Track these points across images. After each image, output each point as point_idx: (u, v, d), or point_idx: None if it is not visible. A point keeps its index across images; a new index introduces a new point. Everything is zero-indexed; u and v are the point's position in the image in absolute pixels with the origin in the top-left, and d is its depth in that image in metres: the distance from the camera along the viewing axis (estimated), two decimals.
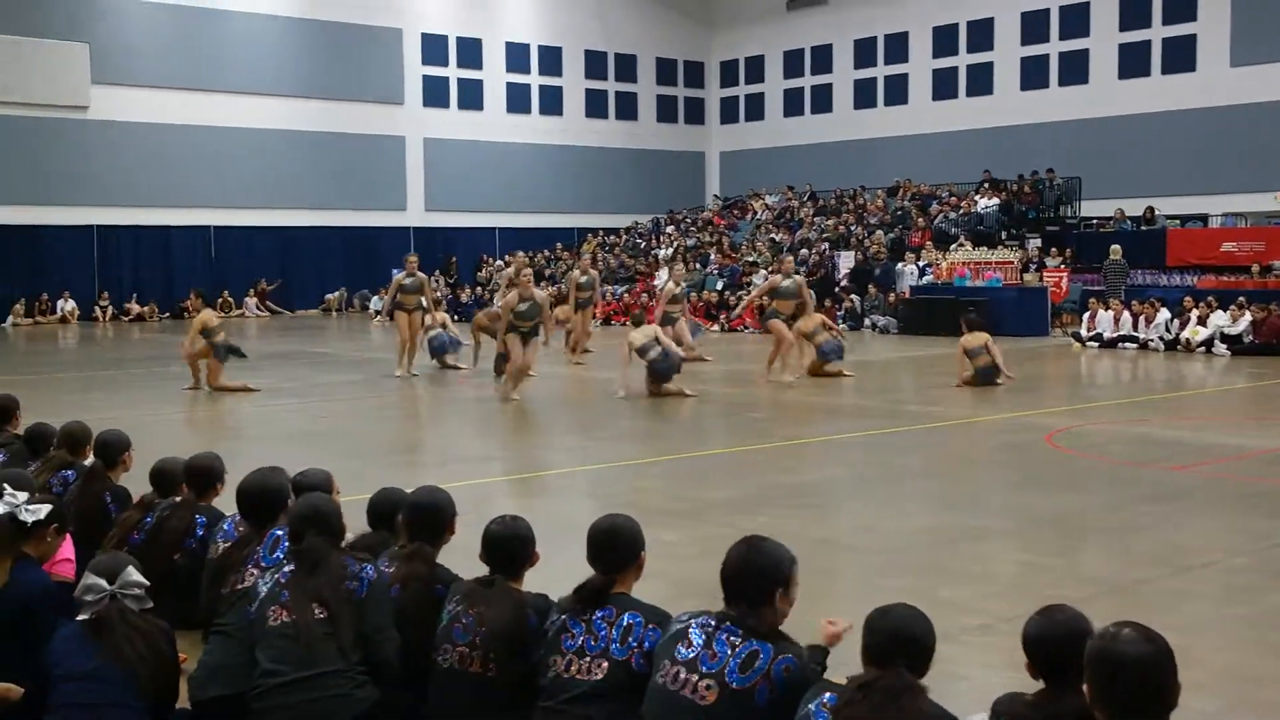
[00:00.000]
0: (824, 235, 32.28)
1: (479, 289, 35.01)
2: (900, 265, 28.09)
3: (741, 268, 30.88)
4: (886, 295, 26.77)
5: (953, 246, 28.06)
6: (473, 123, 39.90)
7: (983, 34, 36.52)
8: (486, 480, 9.71)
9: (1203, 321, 20.88)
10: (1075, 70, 34.36)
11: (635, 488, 9.36)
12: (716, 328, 27.13)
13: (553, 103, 41.95)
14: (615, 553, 3.91)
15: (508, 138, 40.42)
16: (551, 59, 41.88)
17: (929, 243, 29.01)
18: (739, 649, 3.40)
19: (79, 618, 3.89)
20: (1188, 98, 31.52)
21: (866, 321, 26.65)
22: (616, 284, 32.63)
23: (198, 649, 4.73)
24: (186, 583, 5.20)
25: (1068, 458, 10.53)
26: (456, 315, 26.15)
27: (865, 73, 39.81)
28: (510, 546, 4.15)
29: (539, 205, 40.91)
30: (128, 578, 3.96)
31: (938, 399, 14.51)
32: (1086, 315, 22.57)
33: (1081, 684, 2.77)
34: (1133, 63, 33.03)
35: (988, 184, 31.68)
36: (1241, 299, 20.85)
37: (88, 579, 3.95)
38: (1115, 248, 24.79)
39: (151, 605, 4.05)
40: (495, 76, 40.73)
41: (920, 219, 31.21)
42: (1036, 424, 12.33)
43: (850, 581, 6.43)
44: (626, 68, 43.56)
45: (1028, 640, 3.08)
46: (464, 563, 4.41)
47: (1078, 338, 22.10)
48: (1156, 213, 28.48)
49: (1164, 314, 21.55)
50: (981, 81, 36.61)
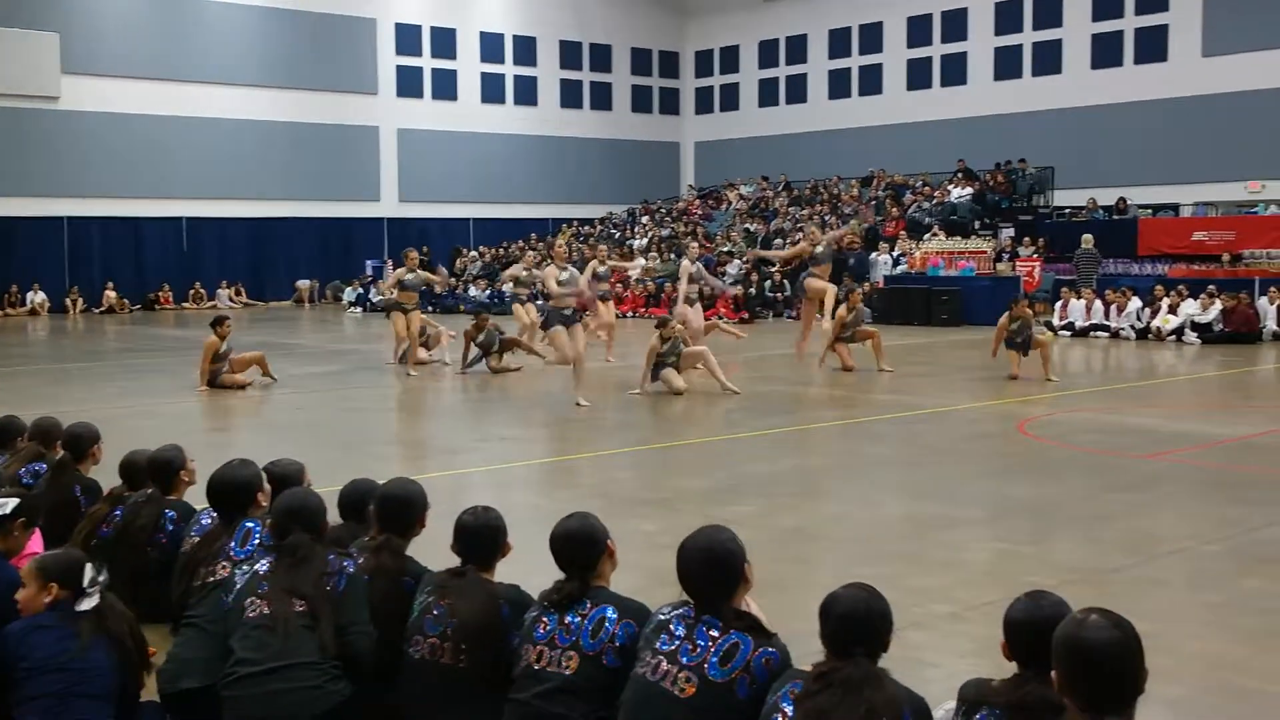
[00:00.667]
0: (798, 225, 32.32)
1: (454, 280, 34.91)
2: (874, 255, 28.17)
3: (717, 258, 30.90)
4: (861, 285, 26.82)
5: (926, 236, 28.17)
6: (447, 113, 39.76)
7: (957, 24, 36.61)
8: (460, 471, 9.68)
9: (1173, 310, 21.03)
10: (1048, 60, 34.49)
11: (610, 478, 9.36)
12: None
13: (527, 93, 41.84)
14: (578, 555, 3.90)
15: (482, 128, 40.30)
16: (526, 49, 41.76)
17: (903, 232, 29.11)
18: (720, 641, 3.40)
19: (80, 608, 3.88)
20: (1159, 88, 31.69)
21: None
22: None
23: (168, 642, 4.70)
24: (156, 576, 5.18)
25: (1040, 446, 10.59)
26: (430, 307, 26.06)
27: (840, 63, 39.85)
28: (482, 537, 4.14)
29: (513, 196, 40.81)
30: (96, 573, 3.97)
31: (911, 388, 14.56)
32: (1059, 304, 22.70)
33: (1051, 670, 2.78)
34: (1105, 53, 33.18)
35: (961, 174, 31.80)
36: (1212, 288, 21.00)
37: (87, 571, 3.94)
38: (1087, 237, 24.95)
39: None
40: (469, 66, 40.59)
41: (894, 209, 31.29)
42: (1009, 413, 12.39)
43: (823, 570, 6.44)
44: (601, 58, 43.47)
45: (1010, 624, 3.08)
46: (435, 554, 4.40)
47: (1050, 327, 22.22)
48: (1128, 202, 28.65)
49: (1135, 303, 21.69)
50: (955, 72, 36.71)
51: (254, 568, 4.22)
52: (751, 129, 42.17)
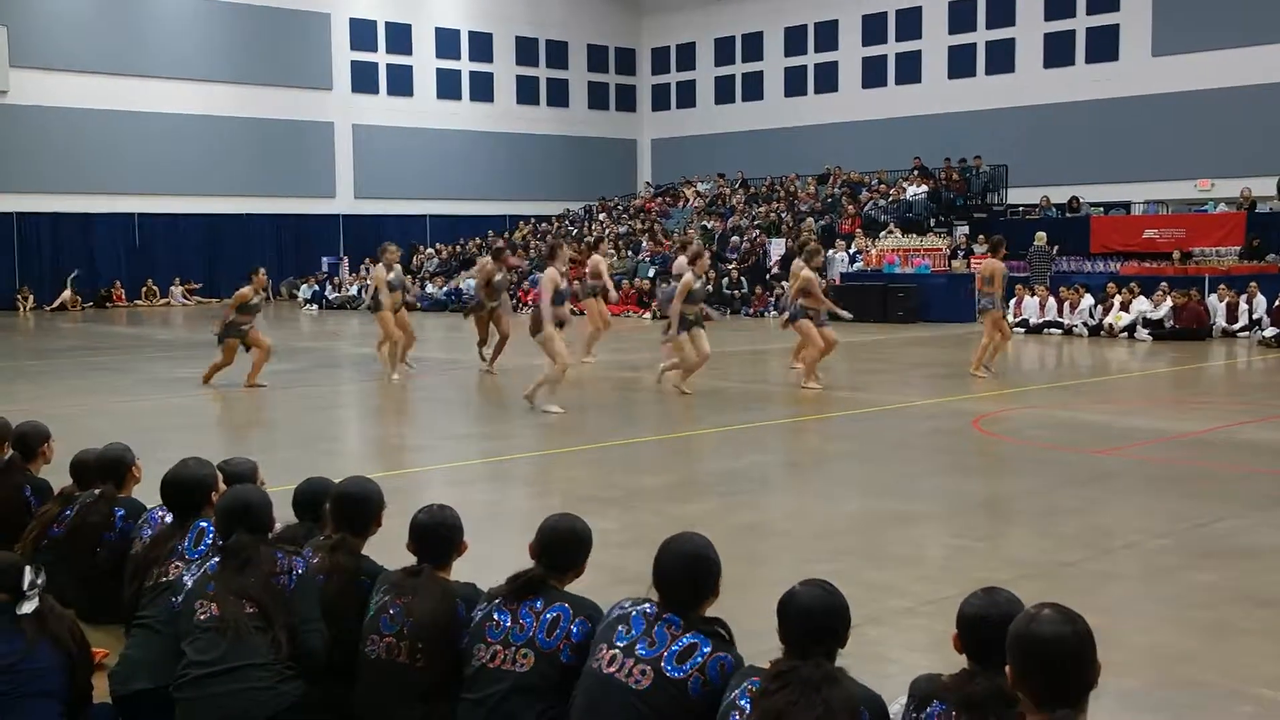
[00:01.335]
0: (755, 223, 32.41)
1: (411, 277, 34.73)
2: (831, 252, 28.26)
3: (674, 255, 30.89)
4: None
5: (882, 233, 28.32)
6: (403, 109, 39.55)
7: (911, 23, 36.83)
8: (417, 470, 9.64)
9: (1125, 307, 21.26)
10: (1001, 59, 34.78)
11: (566, 476, 9.35)
12: (648, 315, 27.13)
13: (484, 89, 41.69)
14: (566, 555, 3.91)
15: (438, 124, 40.10)
16: (482, 45, 41.60)
17: (859, 230, 29.24)
18: (679, 639, 3.41)
19: (21, 610, 3.83)
20: (1111, 87, 32.03)
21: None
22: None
23: (120, 643, 4.65)
24: (108, 575, 5.12)
25: (995, 442, 10.68)
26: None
27: (796, 60, 40.00)
28: (438, 535, 4.12)
29: (470, 192, 40.65)
30: (35, 575, 3.93)
31: (868, 384, 14.63)
32: (1013, 301, 22.88)
33: (1002, 664, 2.80)
34: (1057, 52, 33.50)
35: (917, 171, 31.99)
36: (1163, 285, 21.24)
37: (26, 574, 3.90)
38: (1040, 235, 25.18)
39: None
40: (425, 62, 40.39)
41: (850, 206, 31.43)
42: (964, 409, 12.48)
43: (780, 566, 6.46)
44: (558, 54, 43.38)
45: (964, 618, 3.10)
46: (392, 553, 4.37)
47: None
48: (1080, 200, 28.93)
49: (1088, 300, 21.92)
50: (910, 70, 36.93)
51: (204, 569, 4.18)
52: (708, 126, 42.24)
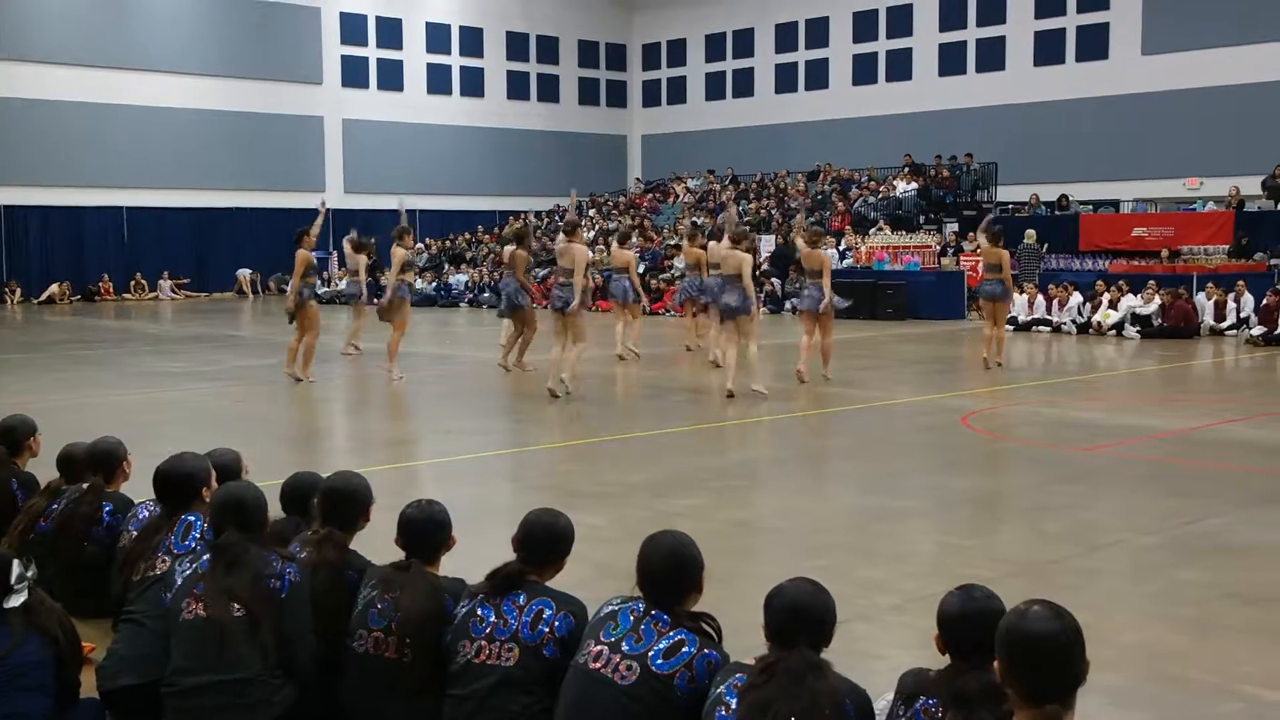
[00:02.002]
0: (745, 219, 32.41)
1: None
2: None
3: (664, 250, 30.92)
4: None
5: (872, 230, 28.34)
6: (393, 103, 39.49)
7: (902, 20, 36.86)
8: (405, 465, 9.63)
9: (1114, 305, 21.31)
10: (992, 57, 34.84)
11: (558, 471, 9.34)
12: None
13: (474, 84, 41.63)
14: (546, 550, 3.91)
15: (428, 119, 40.04)
16: (473, 40, 41.54)
17: (849, 227, 29.26)
18: (666, 635, 3.42)
19: (9, 604, 3.82)
20: (1100, 85, 32.11)
21: (787, 305, 26.81)
22: (539, 267, 32.48)
23: (107, 638, 4.63)
24: (96, 569, 5.10)
25: (983, 439, 10.69)
26: (375, 300, 25.76)
27: (786, 57, 40.01)
28: (426, 530, 4.11)
29: (460, 187, 40.59)
30: (24, 569, 3.91)
31: (857, 381, 14.64)
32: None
33: (988, 661, 2.81)
34: (1047, 50, 33.56)
35: (907, 169, 32.02)
36: (1151, 283, 21.29)
37: (15, 567, 3.88)
38: (1030, 232, 25.20)
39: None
40: (415, 57, 40.32)
41: (840, 203, 31.46)
42: (952, 406, 12.50)
43: (769, 563, 6.47)
44: (548, 50, 43.34)
45: (944, 617, 3.12)
46: (380, 548, 4.36)
47: None
48: (1070, 198, 28.98)
49: (1076, 298, 21.96)
50: (901, 67, 36.97)
51: (194, 566, 4.14)
52: (698, 122, 42.23)
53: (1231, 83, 29.61)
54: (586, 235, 34.05)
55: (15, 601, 3.84)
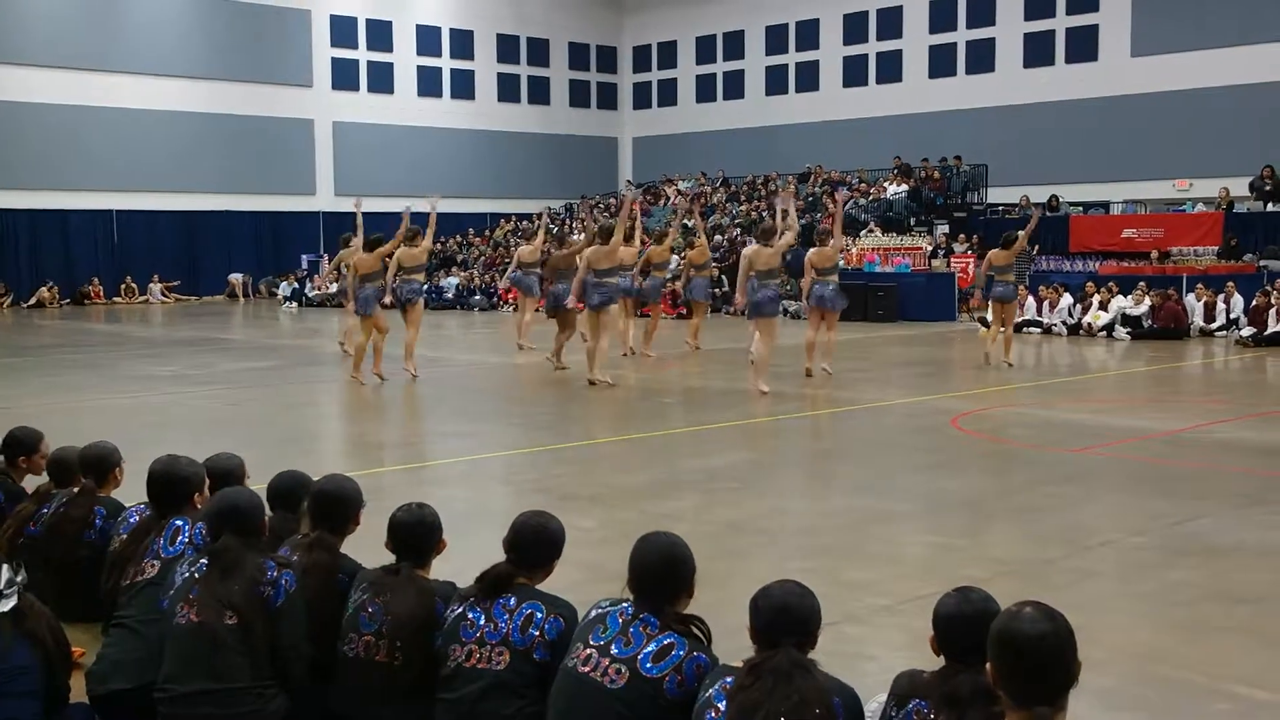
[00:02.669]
0: (736, 221, 32.44)
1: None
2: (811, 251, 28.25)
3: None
4: (798, 280, 26.94)
5: (863, 232, 28.37)
6: (383, 106, 39.44)
7: (892, 22, 36.91)
8: (396, 468, 9.61)
9: (1104, 306, 21.36)
10: (981, 59, 34.89)
11: (547, 474, 9.33)
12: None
13: (464, 86, 41.60)
14: (536, 552, 3.90)
15: (419, 122, 40.00)
16: (463, 42, 41.51)
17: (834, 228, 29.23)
18: (655, 639, 3.42)
19: (1, 609, 3.81)
20: (1090, 87, 32.17)
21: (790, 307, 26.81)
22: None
23: (97, 642, 4.61)
24: (87, 573, 5.07)
25: (974, 440, 10.70)
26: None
27: (777, 59, 40.03)
28: (416, 534, 4.10)
29: (451, 190, 40.40)
30: (14, 574, 3.90)
31: (847, 383, 14.65)
32: (992, 300, 22.90)
33: (981, 662, 2.81)
34: (1037, 52, 33.62)
35: (897, 170, 32.06)
36: (1142, 284, 21.35)
37: (4, 572, 3.87)
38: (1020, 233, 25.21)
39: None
40: (406, 59, 40.28)
41: (831, 205, 31.45)
42: (943, 407, 12.50)
43: (760, 564, 6.46)
44: (539, 52, 43.32)
45: (939, 619, 3.11)
46: (370, 552, 4.35)
47: (984, 323, 22.44)
48: (1060, 200, 29.04)
49: (1067, 299, 22.01)
50: (891, 69, 37.01)
51: (192, 570, 4.10)
52: (689, 124, 42.24)
53: (1221, 84, 29.68)
54: (578, 238, 34.12)
55: (4, 606, 3.83)
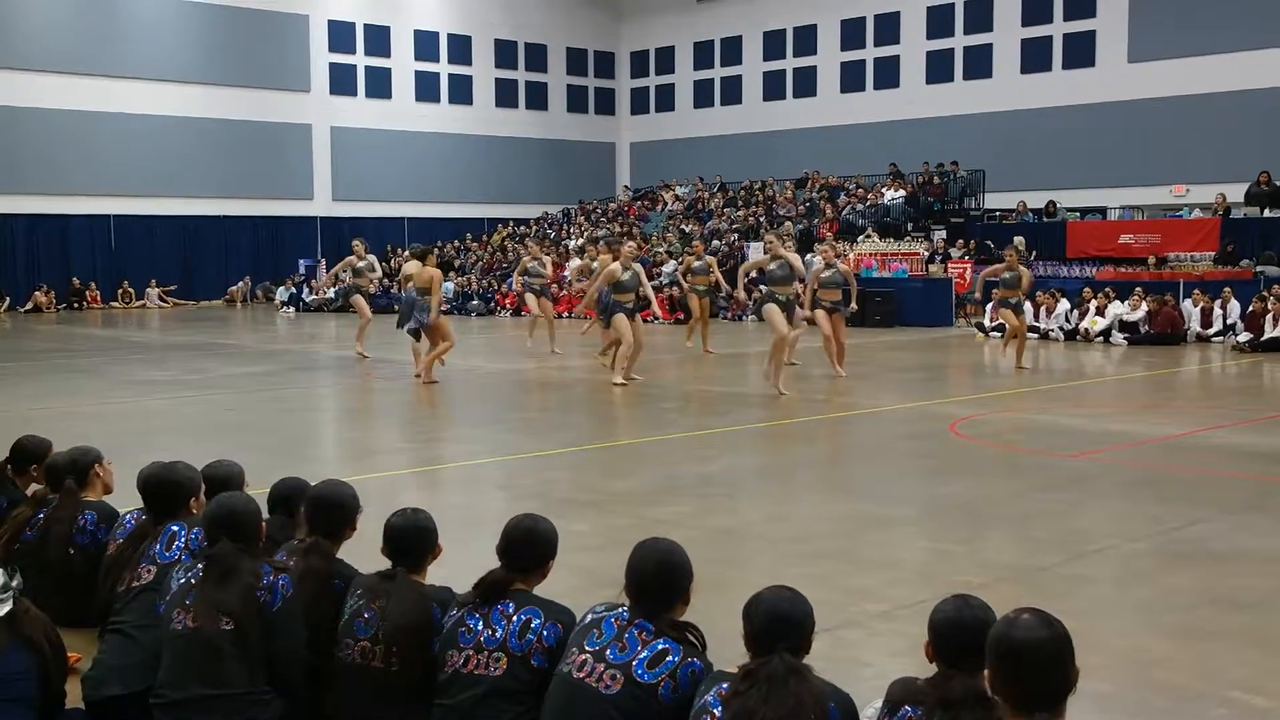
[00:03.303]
0: (734, 226, 32.46)
1: (386, 280, 34.64)
2: (809, 256, 28.28)
3: (652, 258, 30.93)
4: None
5: (860, 238, 28.38)
6: (381, 111, 39.47)
7: (889, 28, 36.96)
8: (393, 472, 9.60)
9: (1101, 312, 21.38)
10: (979, 65, 34.93)
11: (543, 479, 9.32)
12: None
13: (462, 92, 41.63)
14: (528, 555, 3.89)
15: (417, 127, 40.04)
16: (461, 48, 41.54)
17: (831, 234, 29.27)
18: (650, 645, 3.41)
19: None
20: (1087, 93, 32.22)
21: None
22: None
23: (93, 647, 4.60)
24: (80, 579, 5.05)
25: (971, 446, 10.70)
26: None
27: (774, 65, 40.07)
28: (412, 539, 4.09)
29: (448, 195, 40.59)
30: (9, 578, 3.89)
31: (844, 388, 14.65)
32: (989, 306, 22.94)
33: (976, 669, 2.81)
34: (1034, 58, 33.67)
35: (894, 176, 32.08)
36: (1138, 290, 21.36)
37: None
38: (1018, 239, 25.24)
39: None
40: (404, 65, 40.31)
41: (828, 210, 31.50)
42: (940, 413, 12.51)
43: (756, 570, 6.45)
44: (536, 57, 43.35)
45: (935, 625, 3.10)
46: (366, 557, 4.34)
47: (981, 328, 22.46)
48: (1057, 205, 29.07)
49: (1064, 304, 22.03)
50: (888, 75, 37.05)
51: (189, 575, 4.09)
52: (687, 130, 42.27)
53: (1218, 90, 29.72)
54: (577, 243, 34.14)
55: (1, 611, 3.82)
